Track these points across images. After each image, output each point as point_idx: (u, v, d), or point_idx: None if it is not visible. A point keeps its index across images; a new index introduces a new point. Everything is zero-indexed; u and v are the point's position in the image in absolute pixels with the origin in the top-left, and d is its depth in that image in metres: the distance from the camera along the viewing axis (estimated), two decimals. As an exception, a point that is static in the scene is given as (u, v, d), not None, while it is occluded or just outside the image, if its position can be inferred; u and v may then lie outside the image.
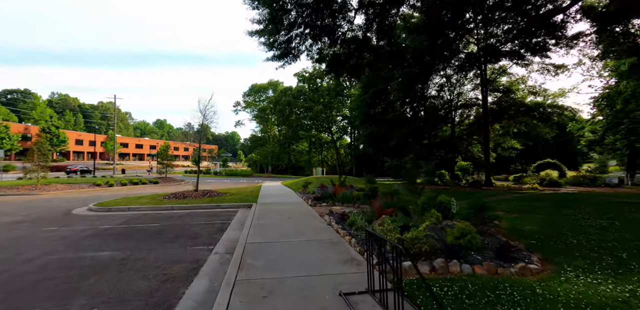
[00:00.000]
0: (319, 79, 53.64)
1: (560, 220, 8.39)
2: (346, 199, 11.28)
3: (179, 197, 12.98)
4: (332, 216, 8.14)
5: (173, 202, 11.94)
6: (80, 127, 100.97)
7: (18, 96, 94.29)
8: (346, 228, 6.65)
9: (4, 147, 39.62)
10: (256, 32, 13.72)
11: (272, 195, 14.34)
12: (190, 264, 4.91)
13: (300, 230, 6.83)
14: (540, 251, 5.50)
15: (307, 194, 14.17)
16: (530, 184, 23.10)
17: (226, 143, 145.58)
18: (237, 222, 8.55)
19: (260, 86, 69.04)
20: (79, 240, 6.60)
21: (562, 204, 11.62)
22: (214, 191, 15.14)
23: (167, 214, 10.09)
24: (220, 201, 12.14)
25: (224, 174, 42.99)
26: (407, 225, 5.01)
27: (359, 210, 9.16)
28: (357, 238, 5.77)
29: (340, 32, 15.81)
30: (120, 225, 8.23)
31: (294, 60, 14.77)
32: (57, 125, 61.59)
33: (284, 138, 55.75)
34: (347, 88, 54.34)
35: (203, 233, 7.15)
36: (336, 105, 52.01)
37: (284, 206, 10.82)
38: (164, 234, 7.08)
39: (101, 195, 16.86)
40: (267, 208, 10.34)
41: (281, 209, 10.20)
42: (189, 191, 14.44)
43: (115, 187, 21.71)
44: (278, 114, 52.66)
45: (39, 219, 9.15)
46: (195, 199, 12.80)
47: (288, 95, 51.49)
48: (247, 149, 76.87)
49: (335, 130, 55.86)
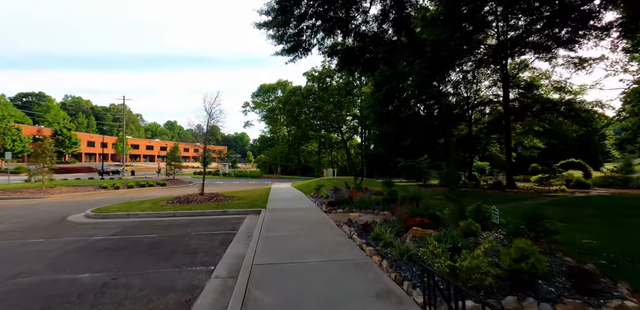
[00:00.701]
0: (328, 77, 52.58)
1: (620, 231, 7.16)
2: (364, 205, 10.21)
3: (183, 202, 12.12)
4: (352, 227, 7.09)
5: (176, 207, 11.06)
6: (93, 129, 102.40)
7: (33, 99, 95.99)
8: (371, 243, 5.59)
9: (16, 149, 39.81)
10: (264, 24, 12.77)
11: (282, 199, 13.35)
12: (183, 294, 3.93)
13: (317, 245, 5.80)
14: (622, 277, 4.34)
15: (320, 198, 13.14)
16: (557, 185, 21.58)
17: (235, 144, 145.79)
18: (243, 232, 7.57)
19: (269, 86, 68.41)
20: (63, 256, 5.72)
21: (610, 210, 10.31)
22: (221, 195, 14.25)
23: (168, 221, 9.19)
24: (226, 206, 11.21)
25: (233, 175, 42.34)
26: (457, 247, 3.93)
27: (380, 219, 8.09)
28: (389, 258, 4.70)
29: (354, 24, 14.75)
30: (114, 236, 7.35)
31: (305, 54, 13.79)
32: (69, 127, 62.08)
33: (293, 138, 54.85)
34: (358, 87, 53.16)
35: (204, 247, 6.19)
36: (346, 105, 50.85)
37: (295, 213, 9.81)
38: (160, 248, 6.14)
39: (105, 198, 16.18)
40: (277, 215, 9.34)
41: (293, 216, 9.19)
42: (194, 195, 13.57)
43: (121, 189, 21.10)
44: (287, 114, 51.81)
45: (29, 228, 8.36)
46: (200, 203, 11.92)
47: (297, 94, 50.59)
48: (256, 149, 76.36)
49: (346, 130, 54.73)
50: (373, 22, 14.52)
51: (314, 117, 51.19)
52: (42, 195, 17.20)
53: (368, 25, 14.85)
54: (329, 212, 9.88)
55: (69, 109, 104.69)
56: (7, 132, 38.70)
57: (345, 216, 9.02)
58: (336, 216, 9.09)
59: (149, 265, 5.11)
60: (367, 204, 10.20)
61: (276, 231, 7.05)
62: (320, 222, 8.18)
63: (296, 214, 9.63)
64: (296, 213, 9.75)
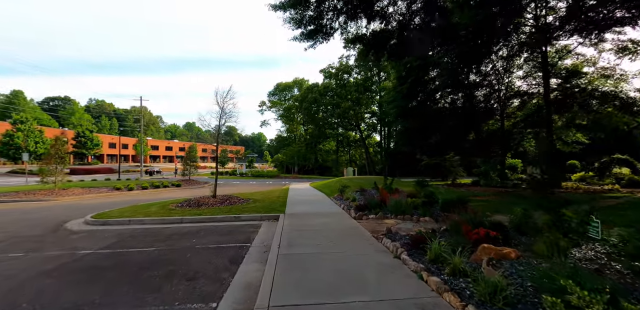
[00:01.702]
0: (346, 74, 50.85)
1: None
2: (400, 209, 8.60)
3: (193, 205, 10.90)
4: (396, 240, 5.55)
5: (184, 211, 9.84)
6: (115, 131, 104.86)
7: (59, 103, 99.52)
8: (433, 270, 4.04)
9: (38, 151, 40.45)
10: (280, 6, 11.36)
11: (302, 202, 11.93)
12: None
13: (355, 271, 4.30)
14: None
15: (345, 200, 11.64)
16: (609, 184, 19.19)
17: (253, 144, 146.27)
18: (258, 246, 6.17)
19: (285, 85, 67.39)
20: (30, 281, 4.48)
21: None
22: (235, 197, 13.00)
23: (173, 229, 7.94)
24: (240, 211, 9.89)
25: (250, 174, 41.41)
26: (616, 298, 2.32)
27: (424, 227, 6.49)
28: (472, 300, 3.14)
29: (379, 6, 13.13)
30: (105, 249, 6.12)
31: (326, 38, 12.29)
32: (91, 129, 63.20)
33: (310, 137, 53.50)
34: (377, 83, 51.17)
35: (208, 269, 4.82)
36: (365, 102, 48.97)
37: (319, 219, 8.34)
38: (152, 270, 4.82)
39: (116, 200, 15.32)
40: (298, 222, 7.90)
41: (317, 223, 7.73)
42: (206, 197, 12.37)
43: (135, 191, 20.30)
44: (304, 111, 50.51)
45: (16, 237, 7.29)
46: (211, 207, 10.67)
47: (314, 92, 49.17)
48: (273, 149, 75.59)
49: (364, 128, 52.87)
50: (402, 2, 12.85)
51: (331, 114, 49.63)
52: (54, 197, 16.55)
53: (396, 6, 13.18)
54: (359, 218, 8.35)
55: (92, 111, 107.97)
56: (29, 134, 39.40)
57: (380, 224, 7.48)
58: (369, 224, 7.56)
59: (130, 301, 3.77)
60: (404, 208, 8.60)
61: (299, 246, 5.60)
62: (351, 233, 6.68)
63: (321, 220, 8.16)
64: (321, 219, 8.29)
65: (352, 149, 56.10)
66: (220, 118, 12.47)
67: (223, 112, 12.50)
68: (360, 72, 51.06)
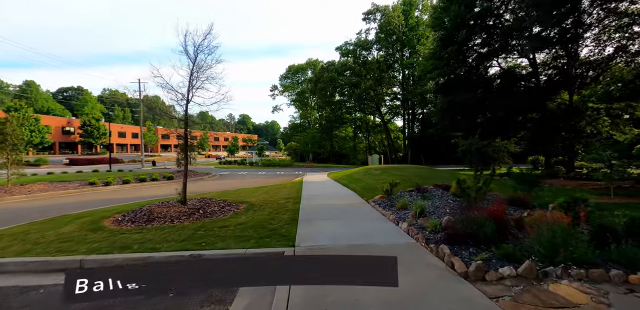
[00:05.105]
0: (365, 50, 44.82)
1: None
2: (551, 250, 3.74)
3: (140, 220, 6.43)
4: None
5: (114, 235, 5.36)
6: (129, 121, 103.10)
7: (72, 93, 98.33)
8: None
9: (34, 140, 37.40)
10: None
11: (325, 213, 7.20)
12: None
13: None
14: None
15: (396, 209, 6.87)
16: None
17: (266, 132, 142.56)
18: None
19: (298, 67, 62.00)
20: None
21: None
22: (220, 202, 8.48)
23: (42, 294, 3.46)
24: (207, 239, 5.30)
25: (260, 164, 37.04)
26: None
27: None
28: None
29: None
30: None
31: None
32: (97, 118, 60.29)
33: (326, 122, 48.42)
34: (398, 61, 45.12)
35: None
36: (388, 81, 43.15)
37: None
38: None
39: (73, 202, 11.20)
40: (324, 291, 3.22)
41: (375, 301, 3.03)
42: (172, 203, 7.90)
43: (112, 186, 16.16)
44: (319, 93, 45.20)
45: None
46: (167, 224, 6.16)
47: (330, 70, 43.65)
48: (286, 137, 71.10)
49: (385, 112, 47.26)
50: None
51: (349, 96, 44.21)
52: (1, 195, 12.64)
53: None
54: (478, 278, 3.50)
55: (106, 101, 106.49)
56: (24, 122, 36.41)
57: (547, 300, 2.69)
58: (519, 302, 2.79)
59: None
60: (576, 249, 3.71)
61: None
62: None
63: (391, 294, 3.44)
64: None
65: (372, 135, 50.76)
66: (191, 75, 7.75)
67: (196, 66, 7.78)
68: (381, 48, 45.05)
